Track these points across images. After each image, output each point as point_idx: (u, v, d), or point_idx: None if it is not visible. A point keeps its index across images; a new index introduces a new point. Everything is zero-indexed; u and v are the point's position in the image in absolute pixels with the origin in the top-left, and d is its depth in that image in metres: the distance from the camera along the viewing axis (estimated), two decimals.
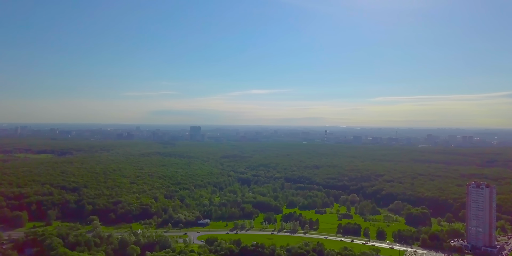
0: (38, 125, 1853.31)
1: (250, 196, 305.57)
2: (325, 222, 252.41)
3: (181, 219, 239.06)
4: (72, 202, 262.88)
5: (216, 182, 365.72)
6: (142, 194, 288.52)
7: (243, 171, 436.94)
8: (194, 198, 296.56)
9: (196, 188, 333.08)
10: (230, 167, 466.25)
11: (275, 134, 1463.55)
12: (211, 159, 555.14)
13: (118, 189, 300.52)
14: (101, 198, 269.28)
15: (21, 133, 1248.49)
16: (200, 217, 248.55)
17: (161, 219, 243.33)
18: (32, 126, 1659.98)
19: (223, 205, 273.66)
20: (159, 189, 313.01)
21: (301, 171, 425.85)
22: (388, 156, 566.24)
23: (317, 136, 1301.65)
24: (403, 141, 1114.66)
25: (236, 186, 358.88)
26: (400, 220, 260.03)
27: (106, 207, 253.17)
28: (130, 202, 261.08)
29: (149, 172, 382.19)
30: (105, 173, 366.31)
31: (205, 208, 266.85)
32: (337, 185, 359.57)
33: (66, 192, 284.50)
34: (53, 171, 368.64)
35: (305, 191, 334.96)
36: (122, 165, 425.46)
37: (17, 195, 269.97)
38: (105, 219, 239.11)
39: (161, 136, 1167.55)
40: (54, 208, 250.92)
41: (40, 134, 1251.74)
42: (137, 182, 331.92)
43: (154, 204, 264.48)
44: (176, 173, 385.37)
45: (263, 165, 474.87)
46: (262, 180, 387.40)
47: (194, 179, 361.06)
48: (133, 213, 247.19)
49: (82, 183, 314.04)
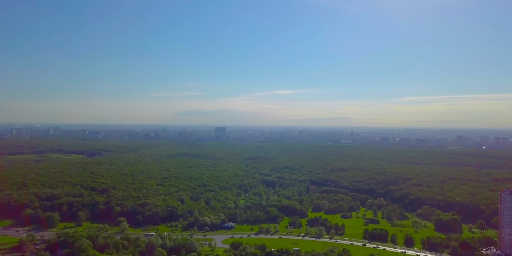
0: (69, 126, 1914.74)
1: (275, 199, 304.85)
2: (351, 227, 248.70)
3: (206, 222, 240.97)
4: (101, 203, 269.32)
5: (241, 184, 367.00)
6: (168, 196, 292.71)
7: (268, 173, 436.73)
8: (219, 201, 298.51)
9: (222, 190, 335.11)
10: (255, 169, 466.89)
11: (300, 135, 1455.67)
12: (236, 160, 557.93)
13: (145, 191, 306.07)
14: (129, 200, 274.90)
15: (53, 134, 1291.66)
16: (225, 220, 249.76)
17: (187, 221, 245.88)
18: (64, 127, 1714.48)
19: (248, 208, 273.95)
20: (185, 191, 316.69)
21: (327, 174, 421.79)
22: (417, 159, 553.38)
23: (343, 137, 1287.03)
24: (432, 142, 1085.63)
25: (261, 189, 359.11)
26: (429, 226, 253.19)
27: (134, 209, 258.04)
28: (157, 204, 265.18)
29: (175, 174, 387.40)
30: (133, 175, 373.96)
31: (230, 211, 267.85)
32: (363, 188, 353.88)
33: (95, 194, 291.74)
34: (83, 172, 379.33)
35: (330, 195, 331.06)
36: (149, 167, 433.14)
37: (49, 196, 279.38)
38: (133, 221, 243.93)
39: (187, 136, 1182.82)
40: (84, 209, 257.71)
41: (71, 135, 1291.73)
42: (164, 184, 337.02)
43: (180, 206, 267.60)
44: (202, 175, 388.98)
45: (288, 167, 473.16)
46: (287, 182, 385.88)
47: (219, 181, 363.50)
48: (159, 216, 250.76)
49: (111, 185, 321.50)
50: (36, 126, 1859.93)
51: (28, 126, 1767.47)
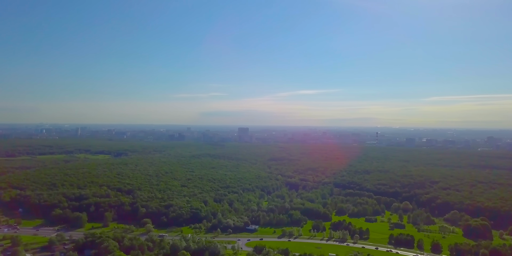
0: (96, 126, 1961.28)
1: (298, 202, 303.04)
2: (376, 231, 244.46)
3: (229, 224, 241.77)
4: (127, 204, 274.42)
5: (264, 186, 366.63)
6: (192, 198, 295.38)
7: (291, 175, 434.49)
8: (242, 203, 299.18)
9: (244, 192, 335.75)
10: (278, 171, 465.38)
11: (324, 135, 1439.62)
12: (259, 161, 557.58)
13: (170, 192, 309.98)
14: (154, 201, 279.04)
15: (81, 134, 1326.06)
16: (248, 222, 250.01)
17: (210, 223, 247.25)
18: (91, 127, 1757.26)
19: (271, 211, 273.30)
20: (209, 192, 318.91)
21: (351, 176, 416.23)
22: (444, 161, 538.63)
23: (368, 138, 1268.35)
24: (461, 143, 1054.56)
25: (284, 191, 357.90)
26: (457, 231, 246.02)
27: (159, 210, 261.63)
28: (181, 205, 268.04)
29: (199, 175, 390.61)
30: (157, 175, 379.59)
31: (253, 214, 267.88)
32: (388, 191, 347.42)
33: (121, 194, 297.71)
34: (110, 173, 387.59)
35: (354, 198, 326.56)
36: (173, 167, 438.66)
37: (77, 196, 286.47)
38: (157, 222, 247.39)
39: (211, 137, 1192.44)
40: (111, 210, 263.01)
41: (98, 135, 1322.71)
42: (188, 185, 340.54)
43: (203, 208, 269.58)
44: (225, 176, 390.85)
45: (311, 169, 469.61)
46: (310, 185, 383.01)
47: (242, 183, 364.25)
48: (183, 217, 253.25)
49: (137, 186, 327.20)
50: (65, 126, 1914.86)
51: (58, 127, 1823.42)
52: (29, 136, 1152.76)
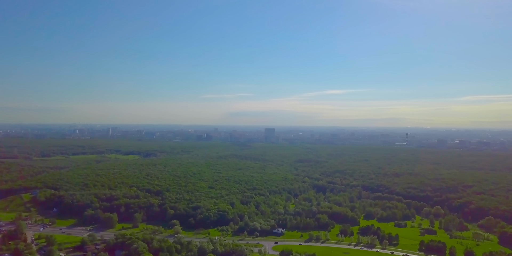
0: (126, 126, 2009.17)
1: (326, 205, 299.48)
2: (406, 237, 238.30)
3: (256, 227, 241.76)
4: (155, 205, 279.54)
5: (291, 188, 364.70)
6: (219, 199, 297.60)
7: (318, 177, 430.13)
8: (269, 205, 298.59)
9: (271, 194, 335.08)
10: (305, 173, 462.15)
11: (352, 136, 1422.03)
12: (286, 163, 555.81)
13: (197, 193, 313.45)
14: (182, 203, 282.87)
15: (112, 134, 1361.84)
16: (275, 226, 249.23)
17: (237, 226, 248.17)
18: (121, 127, 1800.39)
19: (298, 214, 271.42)
20: (236, 194, 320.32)
21: (380, 179, 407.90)
22: (478, 164, 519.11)
23: (397, 139, 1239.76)
24: (496, 145, 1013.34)
25: (311, 194, 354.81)
26: (492, 239, 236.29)
27: (186, 212, 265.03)
28: (208, 207, 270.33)
29: (226, 176, 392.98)
30: (185, 177, 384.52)
31: (280, 217, 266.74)
32: (419, 195, 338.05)
33: (150, 196, 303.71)
34: (139, 174, 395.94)
35: (383, 202, 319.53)
36: (201, 168, 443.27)
37: (108, 197, 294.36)
38: (185, 224, 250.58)
39: (238, 137, 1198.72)
40: (140, 211, 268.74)
41: (128, 135, 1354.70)
42: (215, 187, 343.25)
43: (230, 210, 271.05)
44: (252, 178, 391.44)
45: (339, 172, 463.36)
46: (338, 188, 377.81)
47: (269, 185, 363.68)
48: (211, 219, 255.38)
49: (165, 187, 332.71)
50: (96, 126, 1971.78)
51: (90, 127, 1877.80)
52: (63, 136, 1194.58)
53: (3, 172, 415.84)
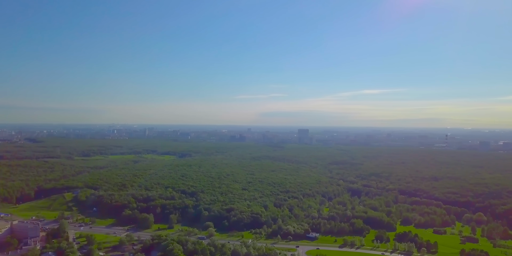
0: (162, 126, 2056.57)
1: (361, 209, 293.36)
2: (445, 245, 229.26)
3: (290, 231, 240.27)
4: (190, 207, 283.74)
5: (325, 191, 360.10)
6: (253, 202, 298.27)
7: (353, 180, 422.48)
8: (302, 209, 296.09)
9: (305, 197, 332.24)
10: (339, 175, 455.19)
11: (388, 137, 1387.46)
12: (320, 165, 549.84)
13: (231, 195, 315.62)
14: (216, 204, 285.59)
15: (148, 134, 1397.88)
16: (308, 230, 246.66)
17: (270, 229, 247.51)
18: (158, 128, 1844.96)
19: (332, 219, 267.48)
20: (269, 196, 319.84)
21: (418, 183, 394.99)
22: None
23: (436, 141, 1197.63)
24: None
25: (345, 197, 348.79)
26: None
27: (220, 214, 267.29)
28: (242, 210, 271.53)
29: (259, 178, 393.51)
30: (219, 178, 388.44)
31: (314, 221, 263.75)
32: (459, 201, 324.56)
33: (185, 197, 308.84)
34: (175, 175, 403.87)
35: (421, 207, 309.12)
36: (234, 170, 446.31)
37: (145, 197, 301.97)
38: (219, 226, 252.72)
39: (271, 138, 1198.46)
40: (175, 212, 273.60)
41: (164, 135, 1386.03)
42: (248, 188, 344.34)
43: (264, 213, 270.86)
44: (285, 180, 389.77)
45: (374, 174, 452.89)
46: (373, 191, 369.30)
47: (302, 188, 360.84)
48: (244, 222, 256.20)
49: (199, 188, 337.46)
50: (134, 126, 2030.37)
51: (127, 127, 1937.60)
52: (102, 137, 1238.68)
53: (47, 172, 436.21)
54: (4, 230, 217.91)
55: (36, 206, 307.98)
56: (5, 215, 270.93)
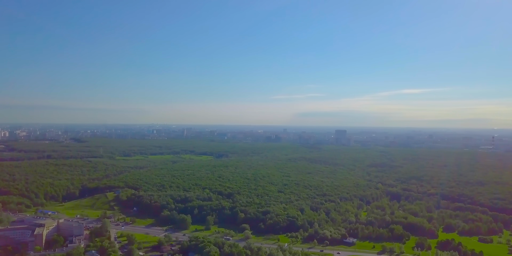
0: (200, 127, 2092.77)
1: (400, 215, 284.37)
2: (491, 254, 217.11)
3: (326, 236, 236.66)
4: (227, 208, 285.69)
5: (363, 195, 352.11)
6: (289, 205, 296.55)
7: (392, 184, 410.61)
8: (339, 213, 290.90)
9: (342, 201, 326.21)
10: (378, 178, 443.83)
11: (429, 139, 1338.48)
12: (357, 167, 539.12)
13: (267, 197, 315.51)
14: (252, 207, 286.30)
15: (186, 135, 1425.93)
16: (346, 235, 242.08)
17: (307, 233, 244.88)
18: (195, 128, 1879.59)
19: (370, 224, 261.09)
20: (305, 200, 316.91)
21: (461, 188, 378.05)
22: None
23: (482, 142, 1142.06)
24: None
25: (384, 201, 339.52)
26: None
27: (256, 216, 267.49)
28: (278, 212, 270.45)
29: (295, 180, 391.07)
30: (255, 179, 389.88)
31: (351, 226, 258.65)
32: (507, 208, 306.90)
33: (222, 198, 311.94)
34: (212, 175, 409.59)
35: (465, 213, 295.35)
36: (270, 171, 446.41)
37: (183, 198, 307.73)
38: (255, 228, 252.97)
39: (307, 139, 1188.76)
40: (212, 213, 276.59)
41: (202, 136, 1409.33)
42: (284, 191, 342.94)
43: (300, 216, 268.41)
44: (322, 183, 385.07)
45: (415, 178, 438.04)
46: (413, 195, 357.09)
47: (339, 191, 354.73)
48: (280, 225, 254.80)
49: (236, 189, 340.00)
50: (172, 127, 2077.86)
51: (166, 127, 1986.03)
52: (142, 137, 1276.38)
53: (90, 171, 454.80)
54: (51, 228, 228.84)
55: (80, 204, 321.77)
56: (52, 213, 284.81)
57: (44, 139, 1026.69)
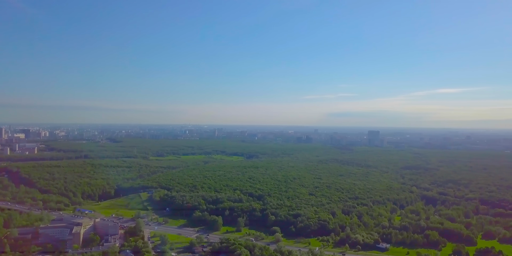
0: (230, 127, 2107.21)
1: (436, 220, 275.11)
2: None
3: (358, 240, 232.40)
4: (257, 210, 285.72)
5: (396, 198, 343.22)
6: (320, 208, 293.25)
7: (427, 187, 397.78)
8: (372, 217, 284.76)
9: (375, 204, 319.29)
10: (412, 181, 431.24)
11: (467, 140, 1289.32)
12: (391, 169, 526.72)
13: (298, 200, 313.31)
14: (283, 209, 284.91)
15: (218, 135, 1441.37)
16: (378, 240, 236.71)
17: (338, 237, 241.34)
18: (226, 128, 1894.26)
19: (404, 229, 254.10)
20: (337, 203, 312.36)
21: (502, 193, 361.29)
22: None
23: None
24: None
25: (419, 206, 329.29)
26: None
27: (287, 219, 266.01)
28: (309, 216, 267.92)
29: (327, 183, 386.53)
30: (286, 181, 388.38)
31: (384, 230, 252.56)
32: None
33: (252, 200, 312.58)
34: (242, 177, 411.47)
35: (507, 220, 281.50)
36: (301, 173, 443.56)
37: (214, 199, 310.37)
38: (286, 231, 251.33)
39: (338, 140, 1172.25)
40: (243, 215, 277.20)
41: (232, 136, 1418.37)
42: (316, 194, 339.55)
43: (331, 220, 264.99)
44: (354, 186, 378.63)
45: (452, 181, 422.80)
46: (450, 200, 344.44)
47: (372, 194, 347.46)
48: (311, 228, 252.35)
49: (266, 191, 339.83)
50: (204, 127, 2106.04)
51: (198, 127, 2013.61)
52: (175, 137, 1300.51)
53: (125, 171, 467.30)
54: (88, 227, 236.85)
55: (116, 204, 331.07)
56: (89, 211, 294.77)
57: (81, 139, 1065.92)
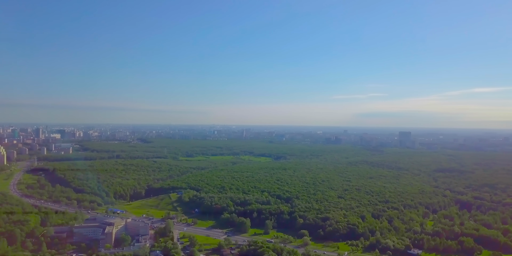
0: (259, 127, 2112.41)
1: (471, 226, 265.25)
2: None
3: (389, 246, 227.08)
4: (285, 213, 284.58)
5: (429, 203, 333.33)
6: (349, 211, 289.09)
7: (462, 191, 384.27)
8: (403, 221, 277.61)
9: (406, 208, 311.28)
10: (446, 185, 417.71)
11: (505, 141, 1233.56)
12: (423, 172, 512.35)
13: (327, 203, 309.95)
14: (311, 212, 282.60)
15: (246, 136, 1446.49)
16: (410, 246, 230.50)
17: (368, 242, 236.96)
18: (254, 129, 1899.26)
19: (437, 235, 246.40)
20: (366, 206, 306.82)
21: None
22: None
23: None
24: None
25: (452, 210, 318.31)
26: None
27: (315, 222, 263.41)
28: (337, 219, 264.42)
29: (356, 186, 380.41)
30: (314, 184, 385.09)
31: (416, 236, 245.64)
32: None
33: (280, 202, 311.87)
34: (270, 178, 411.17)
35: None
36: (330, 175, 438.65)
37: (242, 201, 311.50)
38: (314, 235, 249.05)
39: (369, 141, 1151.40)
40: (271, 217, 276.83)
41: (260, 137, 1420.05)
42: (345, 197, 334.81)
43: (361, 224, 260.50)
44: (384, 189, 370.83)
45: (488, 185, 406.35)
46: (486, 205, 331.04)
47: (403, 197, 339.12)
48: (340, 232, 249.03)
49: (294, 194, 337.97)
50: (232, 127, 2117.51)
51: (227, 128, 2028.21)
52: (203, 137, 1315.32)
53: (155, 171, 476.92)
54: (120, 227, 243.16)
55: (146, 204, 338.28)
56: (121, 211, 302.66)
57: (114, 139, 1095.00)
